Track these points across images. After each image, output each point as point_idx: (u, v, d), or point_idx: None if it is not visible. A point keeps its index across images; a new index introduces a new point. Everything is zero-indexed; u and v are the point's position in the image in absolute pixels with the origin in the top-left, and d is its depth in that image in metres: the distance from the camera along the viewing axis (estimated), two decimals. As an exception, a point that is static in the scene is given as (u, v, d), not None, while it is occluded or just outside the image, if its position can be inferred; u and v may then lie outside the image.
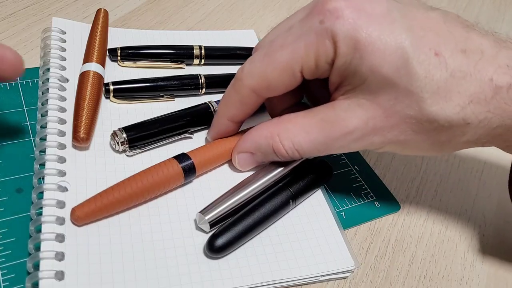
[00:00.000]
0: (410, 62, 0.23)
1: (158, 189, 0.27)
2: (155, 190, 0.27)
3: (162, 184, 0.27)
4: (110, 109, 0.32)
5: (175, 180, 0.27)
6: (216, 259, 0.26)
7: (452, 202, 0.34)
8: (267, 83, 0.27)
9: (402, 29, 0.24)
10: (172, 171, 0.27)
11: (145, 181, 0.26)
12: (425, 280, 0.29)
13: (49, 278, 0.22)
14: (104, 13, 0.37)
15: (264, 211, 0.27)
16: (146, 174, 0.26)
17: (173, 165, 0.27)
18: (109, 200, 0.25)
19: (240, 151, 0.30)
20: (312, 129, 0.27)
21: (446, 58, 0.24)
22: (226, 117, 0.30)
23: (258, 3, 0.51)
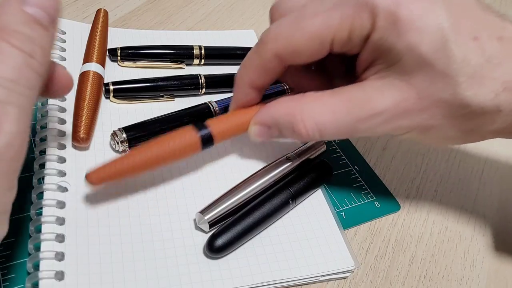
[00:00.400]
0: (449, 44, 0.23)
1: (174, 157, 0.26)
2: (171, 158, 0.26)
3: (178, 152, 0.26)
4: (110, 109, 0.32)
5: (192, 149, 0.27)
6: (216, 259, 0.26)
7: (452, 202, 0.34)
8: (292, 49, 0.26)
9: (443, 10, 0.23)
10: (190, 140, 0.26)
11: (161, 148, 0.26)
12: (425, 280, 0.29)
13: (49, 278, 0.22)
14: (104, 13, 0.37)
15: (264, 211, 0.27)
16: (162, 142, 0.26)
17: (191, 134, 0.27)
18: (123, 165, 0.25)
19: (256, 123, 0.28)
20: (339, 109, 0.25)
21: (484, 44, 0.23)
22: (245, 84, 0.29)
23: (258, 3, 0.51)
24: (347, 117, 0.25)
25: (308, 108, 0.26)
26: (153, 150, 0.26)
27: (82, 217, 0.25)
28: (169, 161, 0.26)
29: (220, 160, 0.31)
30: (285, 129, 0.27)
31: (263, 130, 0.28)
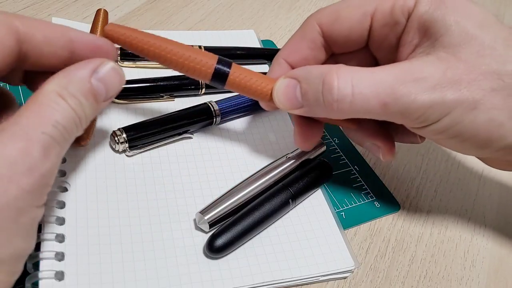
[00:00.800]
0: (494, 22, 0.24)
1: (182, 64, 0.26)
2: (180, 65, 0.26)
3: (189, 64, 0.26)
4: (110, 109, 0.32)
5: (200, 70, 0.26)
6: (216, 259, 0.26)
7: (452, 202, 0.34)
8: (334, 16, 0.27)
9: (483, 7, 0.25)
10: (205, 63, 0.26)
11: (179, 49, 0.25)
12: (425, 280, 0.29)
13: (49, 278, 0.22)
14: (104, 13, 0.37)
15: (264, 211, 0.27)
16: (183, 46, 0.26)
17: (211, 59, 0.26)
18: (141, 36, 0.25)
19: (287, 76, 0.26)
20: (380, 71, 0.24)
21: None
22: (282, 55, 0.28)
23: (258, 3, 0.51)
24: (388, 77, 0.24)
25: (346, 67, 0.25)
26: (172, 46, 0.25)
27: (82, 217, 0.25)
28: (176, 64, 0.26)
29: (220, 160, 0.31)
30: (315, 84, 0.25)
31: (290, 85, 0.26)
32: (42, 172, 0.19)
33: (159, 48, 0.25)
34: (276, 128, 0.35)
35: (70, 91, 0.21)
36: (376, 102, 0.24)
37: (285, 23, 0.49)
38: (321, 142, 0.33)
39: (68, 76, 0.21)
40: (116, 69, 0.23)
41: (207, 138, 0.33)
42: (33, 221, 0.20)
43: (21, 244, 0.19)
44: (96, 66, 0.22)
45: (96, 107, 0.22)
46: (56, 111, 0.20)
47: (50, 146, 0.19)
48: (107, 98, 0.23)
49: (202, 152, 0.32)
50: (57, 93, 0.20)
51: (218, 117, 0.33)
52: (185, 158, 0.31)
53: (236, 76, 0.26)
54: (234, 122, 0.34)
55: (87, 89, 0.21)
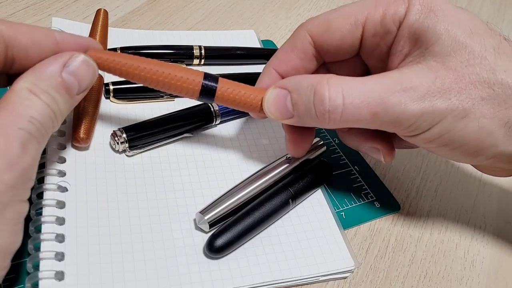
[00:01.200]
0: (484, 31, 0.24)
1: (169, 84, 0.25)
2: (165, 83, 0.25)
3: (175, 82, 0.25)
4: (110, 109, 0.32)
5: (188, 88, 0.26)
6: (216, 259, 0.26)
7: (452, 203, 0.34)
8: (325, 27, 0.27)
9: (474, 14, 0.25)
10: (192, 80, 0.26)
11: (163, 69, 0.25)
12: (425, 280, 0.29)
13: (49, 278, 0.22)
14: (104, 13, 0.37)
15: (264, 211, 0.27)
16: (167, 66, 0.25)
17: (197, 76, 0.26)
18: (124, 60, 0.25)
19: (277, 86, 0.26)
20: (370, 81, 0.24)
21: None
22: (272, 65, 0.28)
23: (258, 3, 0.51)
24: (378, 87, 0.24)
25: (337, 77, 0.25)
26: (157, 66, 0.25)
27: (82, 217, 0.25)
28: (165, 86, 0.26)
29: (220, 160, 0.31)
30: (305, 95, 0.25)
31: (280, 95, 0.26)
32: (22, 167, 0.19)
33: (143, 70, 0.25)
34: (276, 128, 0.35)
35: (41, 87, 0.21)
36: (367, 111, 0.24)
37: (285, 23, 0.49)
38: (321, 143, 0.33)
39: (38, 72, 0.22)
40: (87, 61, 0.23)
41: (207, 138, 0.33)
42: (18, 216, 0.20)
43: (7, 239, 0.19)
44: (65, 60, 0.22)
45: (70, 101, 0.23)
46: (30, 107, 0.20)
47: (28, 141, 0.20)
48: (80, 90, 0.23)
49: (202, 152, 0.32)
50: (28, 90, 0.21)
51: (218, 117, 0.33)
52: (185, 158, 0.31)
53: (224, 90, 0.26)
54: (234, 122, 0.34)
55: (59, 84, 0.22)
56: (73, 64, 0.22)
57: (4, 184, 0.19)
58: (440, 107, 0.24)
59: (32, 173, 0.20)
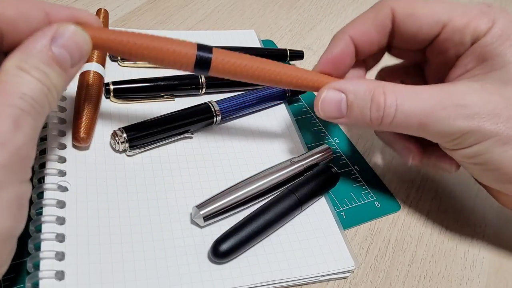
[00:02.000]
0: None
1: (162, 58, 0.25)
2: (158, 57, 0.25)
3: (168, 55, 0.25)
4: (110, 109, 0.32)
5: (181, 62, 0.25)
6: (220, 264, 0.26)
7: (452, 202, 0.34)
8: (411, 11, 0.27)
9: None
10: (185, 53, 0.25)
11: (156, 43, 0.24)
12: (425, 280, 0.29)
13: (49, 278, 0.22)
14: (104, 13, 0.37)
15: (270, 218, 0.27)
16: (160, 39, 0.25)
17: (191, 48, 0.25)
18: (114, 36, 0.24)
19: (333, 87, 0.27)
20: (423, 93, 0.25)
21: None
22: (348, 31, 0.29)
23: (258, 3, 0.51)
24: (430, 100, 0.25)
25: (392, 86, 0.26)
26: (149, 40, 0.24)
27: (82, 217, 0.25)
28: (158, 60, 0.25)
29: (220, 160, 0.31)
30: (363, 98, 0.26)
31: (336, 97, 0.27)
32: (16, 145, 0.18)
33: (135, 46, 0.24)
34: (277, 128, 0.35)
35: (31, 63, 0.20)
36: (416, 121, 0.25)
37: (286, 23, 0.49)
38: (328, 148, 0.32)
39: (26, 49, 0.20)
40: (77, 32, 0.22)
41: (207, 138, 0.33)
42: (18, 198, 0.19)
43: (6, 222, 0.18)
44: (53, 33, 0.21)
45: (64, 75, 0.22)
46: (20, 84, 0.19)
47: (21, 118, 0.19)
48: (74, 63, 0.22)
49: (202, 152, 0.32)
50: (17, 67, 0.20)
51: (218, 117, 0.33)
52: (185, 158, 0.31)
53: (219, 61, 0.26)
54: (234, 122, 0.34)
55: (49, 58, 0.21)
56: (62, 36, 0.21)
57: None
58: (487, 128, 0.25)
59: (29, 150, 0.19)
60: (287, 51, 0.41)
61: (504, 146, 0.25)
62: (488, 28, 0.26)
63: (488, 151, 0.25)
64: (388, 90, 0.26)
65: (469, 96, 0.25)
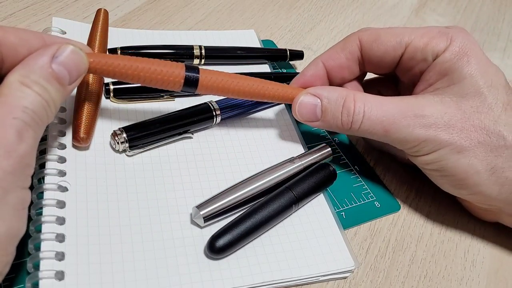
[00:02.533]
0: (502, 88, 0.28)
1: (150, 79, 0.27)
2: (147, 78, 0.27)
3: (156, 75, 0.27)
4: (110, 109, 0.32)
5: (169, 81, 0.27)
6: (217, 260, 0.26)
7: (452, 202, 0.34)
8: (375, 37, 0.31)
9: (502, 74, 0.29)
10: (174, 73, 0.27)
11: (144, 64, 0.26)
12: (425, 280, 0.29)
13: (49, 278, 0.22)
14: (104, 13, 0.37)
15: (266, 214, 0.27)
16: (148, 61, 0.27)
17: (179, 69, 0.27)
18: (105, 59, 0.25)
19: (309, 92, 0.30)
20: (388, 103, 0.28)
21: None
22: (321, 58, 0.32)
23: (258, 3, 0.51)
24: (394, 109, 0.28)
25: (362, 95, 0.29)
26: (138, 62, 0.26)
27: (82, 217, 0.25)
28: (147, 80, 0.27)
29: (220, 160, 0.31)
30: (335, 104, 0.29)
31: (312, 102, 0.30)
32: (20, 154, 0.20)
33: (126, 68, 0.26)
34: (277, 128, 0.35)
35: (33, 79, 0.21)
36: (380, 128, 0.28)
37: (285, 23, 0.49)
38: (328, 148, 0.32)
39: (28, 65, 0.22)
40: (75, 52, 0.24)
41: (207, 138, 0.33)
42: (21, 202, 0.20)
43: (12, 224, 0.20)
44: (54, 52, 0.23)
45: (62, 91, 0.23)
46: (23, 98, 0.21)
47: (23, 129, 0.20)
48: (71, 81, 0.24)
49: (202, 152, 0.32)
50: (19, 82, 0.21)
51: (218, 116, 0.33)
52: (185, 158, 0.31)
53: (207, 80, 0.28)
54: (234, 122, 0.34)
55: (49, 74, 0.22)
56: (62, 54, 0.23)
57: (3, 170, 0.19)
58: (442, 138, 0.27)
59: (30, 160, 0.21)
60: (287, 51, 0.41)
61: (458, 155, 0.28)
62: (447, 46, 0.29)
63: (444, 159, 0.28)
64: (357, 98, 0.29)
65: (428, 108, 0.28)
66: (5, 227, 0.19)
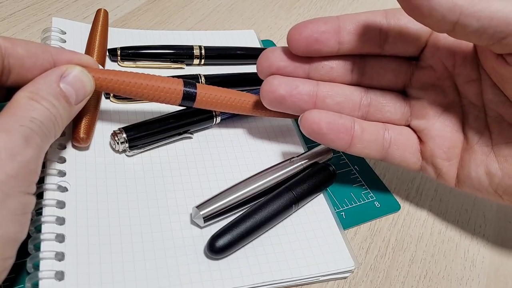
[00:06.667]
0: None
1: (153, 96, 0.28)
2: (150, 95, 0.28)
3: (158, 93, 0.28)
4: (110, 109, 0.32)
5: (170, 97, 0.28)
6: (217, 260, 0.26)
7: (452, 202, 0.34)
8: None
9: None
10: (173, 89, 0.28)
11: (144, 81, 0.27)
12: (425, 280, 0.29)
13: (49, 278, 0.22)
14: (104, 13, 0.37)
15: (266, 214, 0.27)
16: (147, 77, 0.28)
17: (177, 85, 0.28)
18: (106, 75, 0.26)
19: None
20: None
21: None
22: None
23: (258, 3, 0.51)
24: None
25: None
26: (139, 79, 0.27)
27: (82, 217, 0.25)
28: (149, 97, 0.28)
29: (220, 160, 0.31)
30: None
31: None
32: (25, 159, 0.20)
33: (129, 85, 0.27)
34: (277, 128, 0.35)
35: (41, 95, 0.22)
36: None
37: (285, 23, 0.49)
38: (328, 148, 0.32)
39: (37, 83, 0.23)
40: (83, 73, 0.25)
41: (207, 138, 0.33)
42: (23, 207, 0.20)
43: (11, 228, 0.19)
44: (62, 72, 0.24)
45: (69, 110, 0.24)
46: (31, 110, 0.21)
47: (30, 136, 0.21)
48: (78, 100, 0.25)
49: (202, 152, 0.32)
50: (29, 98, 0.22)
51: (218, 116, 0.33)
52: (185, 158, 0.31)
53: (203, 95, 0.29)
54: (234, 122, 0.34)
55: (58, 92, 0.23)
56: (70, 75, 0.24)
57: (6, 173, 0.19)
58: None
59: (35, 166, 0.21)
60: (287, 51, 0.41)
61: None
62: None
63: None
64: None
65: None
66: (1, 231, 0.19)
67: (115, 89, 0.27)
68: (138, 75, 0.27)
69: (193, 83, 0.29)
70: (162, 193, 0.28)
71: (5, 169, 0.19)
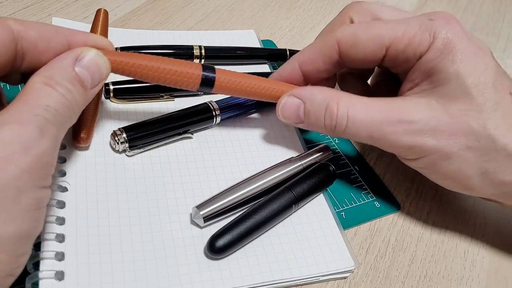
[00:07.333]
0: (491, 85, 0.26)
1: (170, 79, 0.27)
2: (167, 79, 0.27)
3: (176, 76, 0.27)
4: (110, 109, 0.32)
5: (188, 82, 0.28)
6: (217, 260, 0.26)
7: (452, 202, 0.34)
8: (354, 41, 0.29)
9: (492, 63, 0.27)
10: (191, 74, 0.27)
11: (164, 64, 0.26)
12: (425, 280, 0.29)
13: (49, 278, 0.22)
14: (104, 13, 0.37)
15: (266, 214, 0.27)
16: (165, 61, 0.27)
17: (196, 69, 0.28)
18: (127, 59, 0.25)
19: (293, 94, 0.30)
20: (373, 107, 0.27)
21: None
22: (297, 60, 0.31)
23: (258, 3, 0.51)
24: (378, 114, 0.27)
25: (347, 97, 0.28)
26: (158, 62, 0.26)
27: (82, 217, 0.25)
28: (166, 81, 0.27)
29: (220, 160, 0.31)
30: (318, 107, 0.28)
31: (294, 104, 0.29)
32: (39, 151, 0.19)
33: (146, 68, 0.26)
34: (277, 128, 0.35)
35: (56, 80, 0.21)
36: (365, 133, 0.27)
37: (285, 23, 0.49)
38: (327, 148, 0.32)
39: (52, 67, 0.22)
40: (99, 56, 0.24)
41: (207, 138, 0.33)
42: (37, 202, 0.19)
43: (23, 225, 0.19)
44: (77, 55, 0.23)
45: (84, 94, 0.23)
46: (46, 97, 0.20)
47: (45, 127, 0.20)
48: (94, 84, 0.24)
49: (202, 152, 0.32)
50: (43, 83, 0.21)
51: (218, 117, 0.33)
52: (185, 158, 0.31)
53: (222, 80, 0.28)
54: (234, 122, 0.34)
55: (73, 77, 0.22)
56: (85, 58, 0.23)
57: (20, 168, 0.18)
58: (429, 144, 0.27)
59: (51, 158, 0.20)
60: (287, 51, 0.41)
61: (447, 161, 0.27)
62: (430, 44, 0.27)
63: (432, 164, 0.27)
64: (341, 101, 0.28)
65: (414, 113, 0.26)
66: (13, 228, 0.18)
67: (132, 73, 0.26)
68: (156, 58, 0.26)
69: (212, 67, 0.28)
70: (162, 193, 0.28)
71: (19, 163, 0.18)
